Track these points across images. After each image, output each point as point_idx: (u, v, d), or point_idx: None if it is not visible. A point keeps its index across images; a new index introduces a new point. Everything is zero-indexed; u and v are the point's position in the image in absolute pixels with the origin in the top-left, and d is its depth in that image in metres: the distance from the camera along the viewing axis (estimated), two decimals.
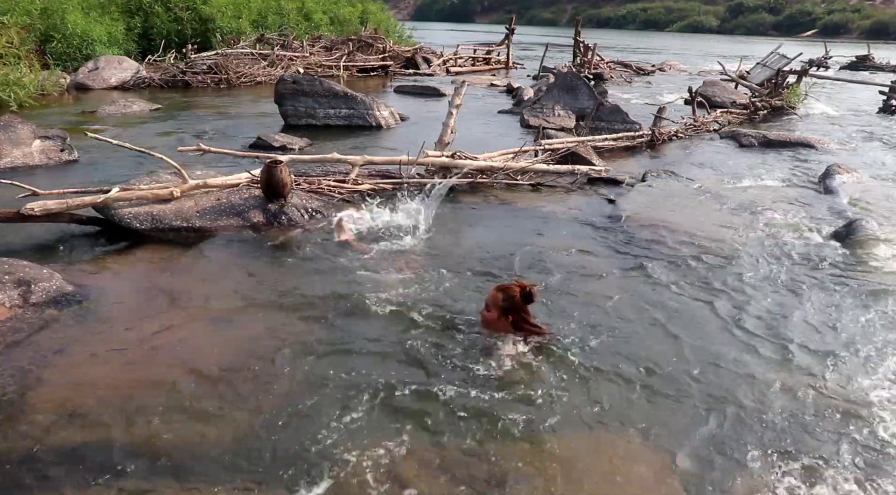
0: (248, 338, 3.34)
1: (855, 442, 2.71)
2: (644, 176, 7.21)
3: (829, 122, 12.40)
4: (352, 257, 4.44)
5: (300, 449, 2.50)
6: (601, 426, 2.73)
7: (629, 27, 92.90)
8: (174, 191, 5.02)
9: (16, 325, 3.36)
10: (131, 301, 3.72)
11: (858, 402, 2.99)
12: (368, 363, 3.11)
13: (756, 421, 2.81)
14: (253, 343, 3.28)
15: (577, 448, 2.58)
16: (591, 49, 18.86)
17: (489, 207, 5.88)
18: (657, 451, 2.59)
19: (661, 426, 2.75)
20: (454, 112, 6.89)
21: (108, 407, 2.72)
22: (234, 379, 2.96)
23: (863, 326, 3.76)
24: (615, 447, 2.61)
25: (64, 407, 2.71)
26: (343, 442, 2.54)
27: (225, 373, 3.00)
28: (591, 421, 2.75)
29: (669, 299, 4.02)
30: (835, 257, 4.84)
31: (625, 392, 2.98)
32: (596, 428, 2.71)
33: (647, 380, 3.07)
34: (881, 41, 55.68)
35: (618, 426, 2.73)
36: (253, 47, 16.91)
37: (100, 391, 2.83)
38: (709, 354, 3.36)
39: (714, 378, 3.14)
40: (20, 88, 10.20)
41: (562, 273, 4.39)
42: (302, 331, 3.43)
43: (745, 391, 3.03)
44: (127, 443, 2.50)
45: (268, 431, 2.60)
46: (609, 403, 2.88)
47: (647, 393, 2.97)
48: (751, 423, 2.80)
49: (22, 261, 3.85)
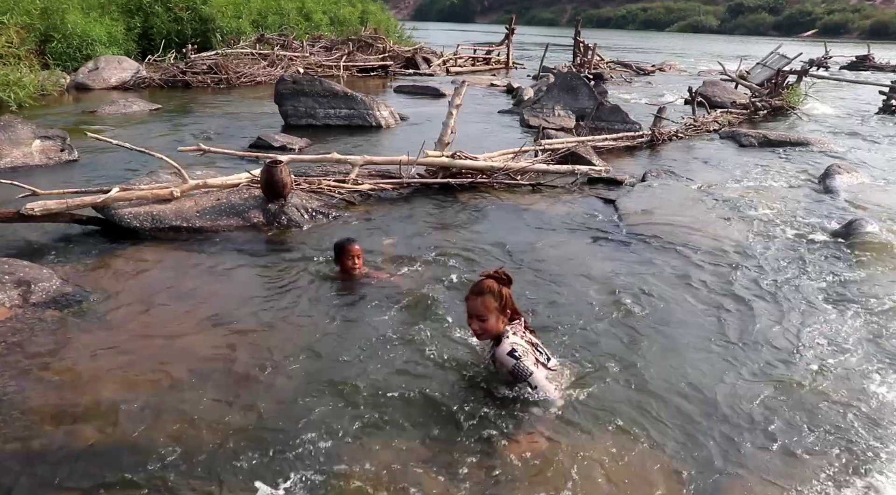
0: (249, 338, 3.34)
1: (855, 441, 2.71)
2: (644, 176, 7.21)
3: (828, 122, 12.40)
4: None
5: (300, 449, 2.49)
6: (601, 427, 2.72)
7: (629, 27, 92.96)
8: (174, 191, 5.02)
9: (16, 325, 3.36)
10: (131, 301, 3.72)
11: (859, 401, 2.99)
12: (369, 363, 3.11)
13: (756, 421, 2.81)
14: (253, 343, 3.28)
15: (577, 448, 2.58)
16: (591, 49, 18.87)
17: (489, 207, 5.88)
18: (658, 452, 2.59)
19: (662, 426, 2.75)
20: (454, 112, 6.89)
21: (107, 407, 2.71)
22: (234, 379, 2.95)
23: (863, 326, 3.75)
24: (616, 448, 2.60)
25: (63, 408, 2.71)
26: (343, 442, 2.54)
27: (225, 374, 3.00)
28: (591, 422, 2.75)
29: (669, 299, 4.02)
30: (835, 257, 4.84)
31: (625, 392, 2.97)
32: (597, 429, 2.70)
33: (648, 380, 3.07)
34: (881, 41, 55.71)
35: (619, 427, 2.73)
36: (253, 47, 16.93)
37: (99, 391, 2.82)
38: (709, 354, 3.36)
39: (714, 377, 3.14)
40: (20, 88, 10.20)
41: (562, 273, 4.39)
42: (303, 332, 3.43)
43: (745, 390, 3.03)
44: (127, 443, 2.50)
45: (268, 432, 2.60)
46: (609, 404, 2.87)
47: (648, 393, 2.97)
48: (751, 423, 2.80)
49: (22, 261, 3.85)
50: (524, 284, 4.23)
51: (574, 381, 3.00)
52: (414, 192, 6.21)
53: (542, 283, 4.23)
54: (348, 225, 5.22)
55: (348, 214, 5.48)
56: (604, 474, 2.45)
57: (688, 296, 4.09)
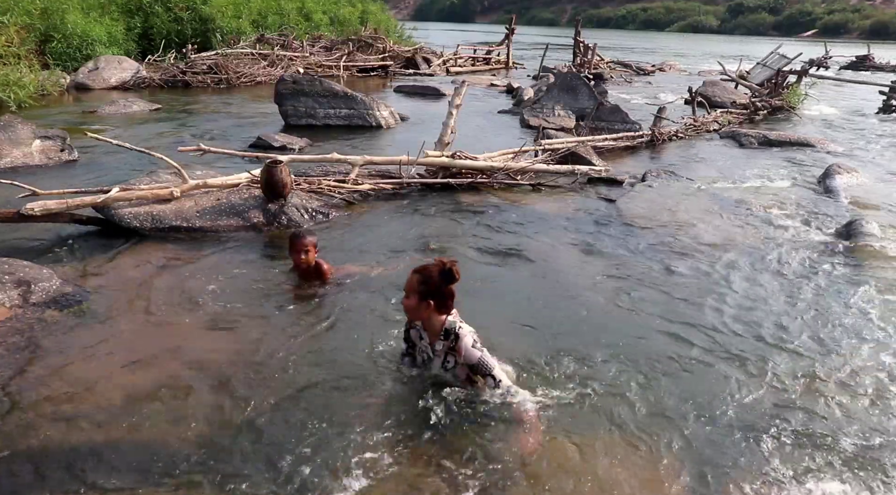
0: (248, 338, 3.34)
1: (854, 438, 2.71)
2: (644, 176, 7.21)
3: (828, 122, 12.40)
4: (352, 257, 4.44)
5: (300, 450, 2.49)
6: (601, 428, 2.73)
7: (629, 27, 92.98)
8: (174, 191, 5.02)
9: (16, 325, 3.36)
10: (131, 301, 3.72)
11: (860, 401, 2.99)
12: (370, 364, 3.11)
13: (756, 422, 2.81)
14: (253, 343, 3.28)
15: (576, 450, 2.58)
16: (591, 49, 18.87)
17: (489, 207, 5.88)
18: (658, 453, 2.59)
19: (662, 427, 2.75)
20: (454, 112, 6.89)
21: (107, 407, 2.71)
22: (234, 380, 2.95)
23: (863, 325, 3.75)
24: (616, 449, 2.60)
25: (63, 408, 2.71)
26: (344, 443, 2.53)
27: (224, 374, 2.99)
28: (590, 423, 2.75)
29: (669, 299, 4.02)
30: (835, 256, 4.84)
31: (625, 393, 2.97)
32: (596, 430, 2.71)
33: (648, 381, 3.07)
34: (881, 41, 55.70)
35: (618, 428, 2.73)
36: (253, 47, 16.92)
37: (99, 391, 2.82)
38: (709, 354, 3.36)
39: (713, 378, 3.14)
40: (20, 88, 10.19)
41: (561, 273, 4.39)
42: (303, 332, 3.42)
43: (744, 390, 3.03)
44: (127, 444, 2.50)
45: (267, 433, 2.60)
46: (609, 405, 2.87)
47: (648, 394, 2.97)
48: (751, 424, 2.80)
49: (22, 261, 3.85)
50: (524, 284, 4.23)
51: (572, 382, 3.00)
52: (414, 192, 6.21)
53: (540, 283, 4.23)
54: (348, 225, 5.22)
55: (348, 214, 5.49)
56: (604, 474, 2.45)
57: (687, 296, 4.09)
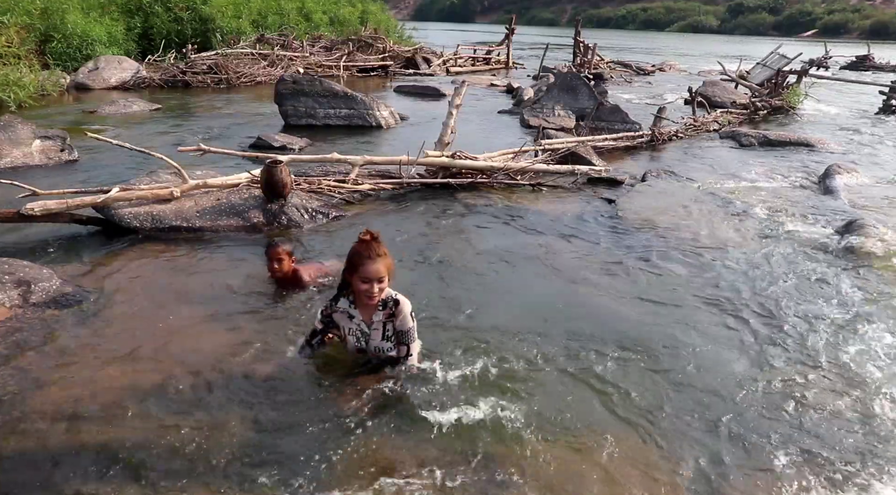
0: (248, 338, 3.33)
1: (856, 436, 2.71)
2: (644, 176, 7.21)
3: (828, 122, 12.40)
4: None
5: (299, 451, 2.49)
6: (601, 428, 2.73)
7: (629, 27, 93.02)
8: (174, 191, 5.02)
9: (16, 325, 3.36)
10: (131, 301, 3.72)
11: (860, 400, 2.99)
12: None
13: (756, 422, 2.81)
14: (253, 344, 3.27)
15: (576, 450, 2.59)
16: (591, 49, 18.87)
17: (489, 207, 5.88)
18: (658, 454, 2.59)
19: (662, 427, 2.75)
20: (454, 112, 6.89)
21: (107, 407, 2.71)
22: (234, 380, 2.95)
23: (863, 325, 3.75)
24: (617, 450, 2.60)
25: (63, 408, 2.70)
26: (344, 444, 2.54)
27: (224, 375, 2.99)
28: (591, 424, 2.75)
29: (669, 300, 4.02)
30: (835, 256, 4.84)
31: (624, 393, 2.97)
32: (596, 431, 2.71)
33: (648, 381, 3.07)
34: (881, 41, 55.71)
35: (619, 429, 2.73)
36: (253, 47, 16.92)
37: (100, 391, 2.82)
38: (708, 354, 3.36)
39: (713, 378, 3.14)
40: (20, 88, 10.19)
41: (561, 273, 4.39)
42: (303, 332, 3.42)
43: (744, 390, 3.03)
44: (127, 444, 2.50)
45: (267, 433, 2.60)
46: (609, 406, 2.88)
47: (648, 394, 2.97)
48: (750, 424, 2.80)
49: (22, 261, 3.85)
50: (523, 284, 4.23)
51: (572, 383, 3.00)
52: (414, 192, 6.21)
53: (540, 283, 4.23)
54: (348, 225, 5.22)
55: (348, 214, 5.49)
56: (603, 474, 2.45)
57: (687, 295, 4.09)
